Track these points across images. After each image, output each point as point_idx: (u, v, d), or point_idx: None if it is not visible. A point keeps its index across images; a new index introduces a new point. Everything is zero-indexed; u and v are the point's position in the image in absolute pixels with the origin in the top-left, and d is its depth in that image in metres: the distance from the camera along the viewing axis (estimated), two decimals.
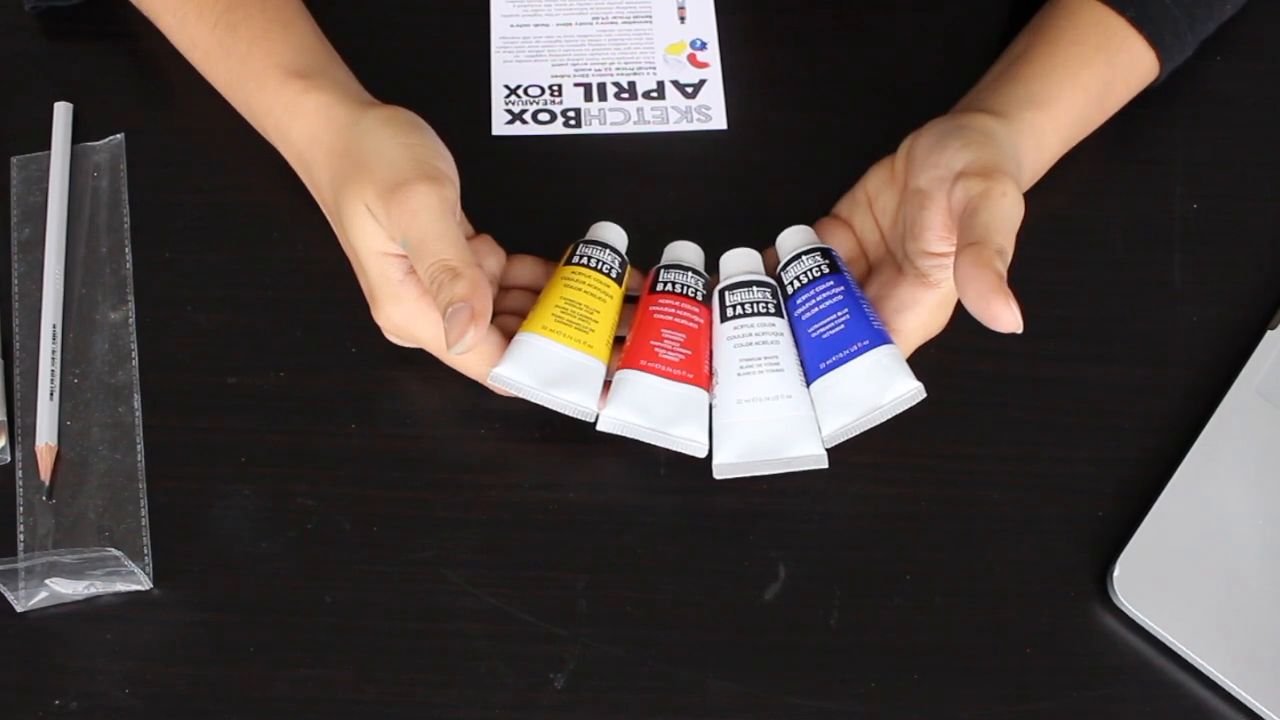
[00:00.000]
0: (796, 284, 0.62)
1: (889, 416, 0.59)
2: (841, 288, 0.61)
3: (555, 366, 0.59)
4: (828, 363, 0.60)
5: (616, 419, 0.59)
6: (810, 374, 0.60)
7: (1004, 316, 0.53)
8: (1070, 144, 0.68)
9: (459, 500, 0.62)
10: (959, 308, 0.62)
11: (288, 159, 0.65)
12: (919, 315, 0.61)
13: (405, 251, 0.58)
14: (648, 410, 0.59)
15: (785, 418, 0.59)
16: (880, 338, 0.59)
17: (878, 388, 0.59)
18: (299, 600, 0.60)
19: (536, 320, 0.60)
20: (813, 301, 0.61)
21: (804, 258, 0.62)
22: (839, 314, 0.60)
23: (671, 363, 0.60)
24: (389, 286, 0.59)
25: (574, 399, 0.59)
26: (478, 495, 0.63)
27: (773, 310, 0.61)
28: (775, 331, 0.61)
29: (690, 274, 0.62)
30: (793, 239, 0.64)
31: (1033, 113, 0.64)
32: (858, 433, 0.60)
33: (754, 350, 0.60)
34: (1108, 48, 0.67)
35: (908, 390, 0.59)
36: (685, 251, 0.64)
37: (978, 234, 0.55)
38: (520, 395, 0.60)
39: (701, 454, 0.60)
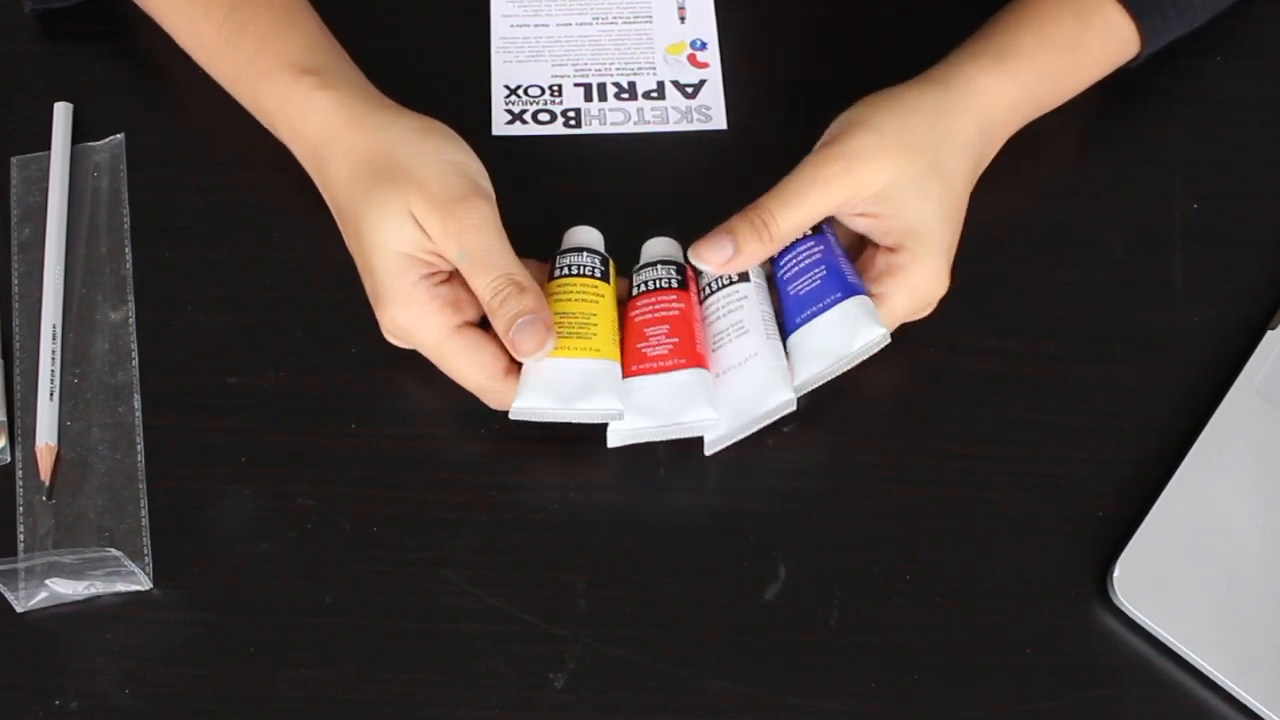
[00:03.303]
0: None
1: (858, 362, 0.61)
2: (821, 246, 0.62)
3: (571, 380, 0.59)
4: (803, 316, 0.61)
5: (625, 429, 0.60)
6: (788, 329, 0.62)
7: (693, 253, 0.61)
8: (1041, 96, 0.68)
9: (459, 500, 0.62)
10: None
11: (297, 155, 0.65)
12: (895, 280, 0.62)
13: (459, 263, 0.59)
14: (651, 411, 0.60)
15: (754, 375, 0.61)
16: (852, 289, 0.61)
17: (845, 336, 0.60)
18: (299, 600, 0.60)
19: None
20: (794, 261, 0.62)
21: None
22: (816, 271, 0.61)
23: (661, 356, 0.60)
24: (402, 289, 0.59)
25: (598, 405, 0.59)
26: (478, 495, 0.63)
27: (737, 278, 0.62)
28: (739, 296, 0.62)
29: (660, 266, 0.63)
30: None
31: (983, 61, 0.65)
32: (831, 378, 0.61)
33: (722, 323, 0.62)
34: (1080, 9, 0.67)
35: (873, 337, 0.60)
36: (658, 247, 0.65)
37: (764, 196, 0.61)
38: (545, 420, 0.60)
39: (718, 429, 0.61)
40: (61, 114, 0.71)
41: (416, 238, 0.59)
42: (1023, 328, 0.67)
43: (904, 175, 0.61)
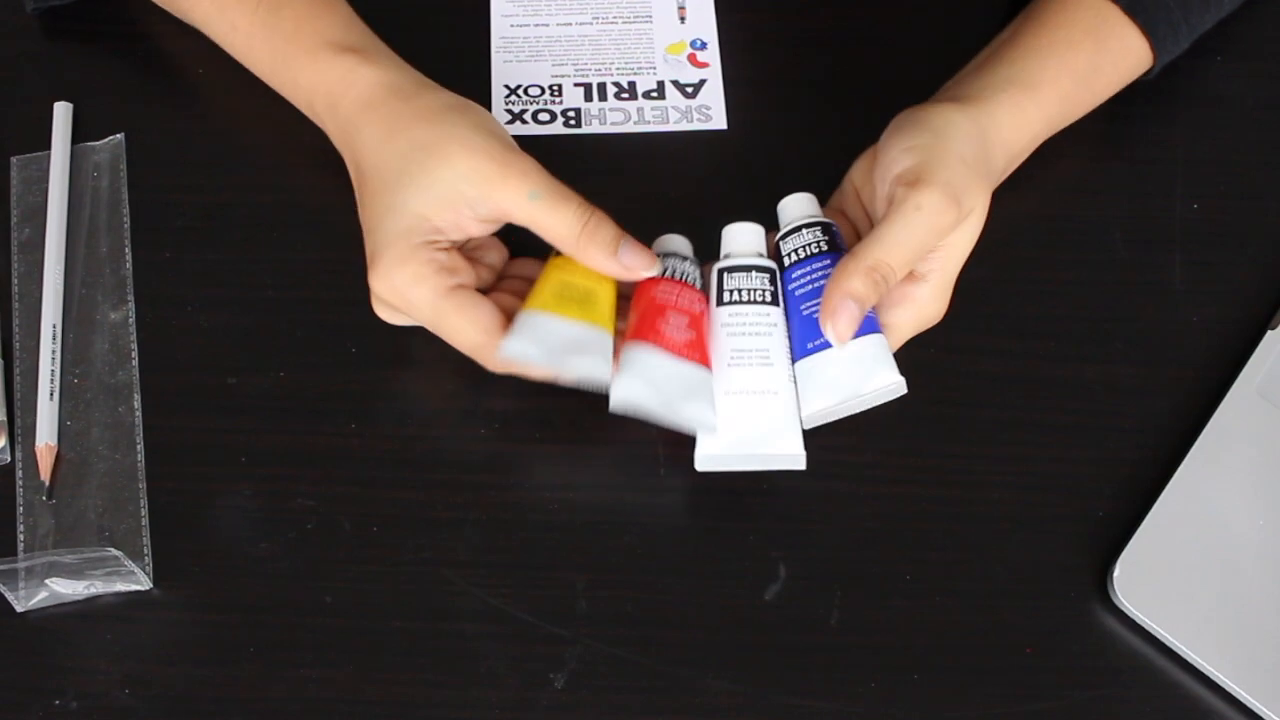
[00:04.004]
0: (794, 257, 0.62)
1: (869, 406, 0.60)
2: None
3: (563, 338, 0.59)
4: (815, 343, 0.60)
5: (629, 396, 0.58)
6: (797, 351, 0.61)
7: (825, 329, 0.58)
8: (1057, 125, 0.68)
9: (459, 500, 0.62)
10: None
11: (329, 127, 0.65)
12: (908, 310, 0.61)
13: (531, 202, 0.59)
14: (659, 387, 0.59)
15: (770, 414, 0.60)
16: (869, 325, 0.60)
17: (861, 376, 0.59)
18: (299, 600, 0.60)
19: (537, 299, 0.60)
20: (807, 278, 0.61)
21: (804, 231, 0.62)
22: None
23: (679, 342, 0.60)
24: (404, 247, 0.59)
25: (587, 366, 0.59)
26: (478, 495, 0.63)
27: (769, 299, 0.61)
28: (769, 322, 0.61)
29: (687, 261, 0.62)
30: (795, 208, 0.64)
31: (1013, 92, 0.64)
32: (837, 417, 0.60)
33: (746, 341, 0.61)
34: (1097, 33, 0.67)
35: (890, 382, 0.59)
36: (675, 242, 0.64)
37: (862, 244, 0.58)
38: (529, 371, 0.59)
39: (712, 433, 0.60)
40: (61, 114, 0.71)
41: (452, 196, 0.59)
42: (1023, 328, 0.67)
43: (975, 210, 0.60)
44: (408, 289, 0.60)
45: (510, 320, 0.60)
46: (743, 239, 0.63)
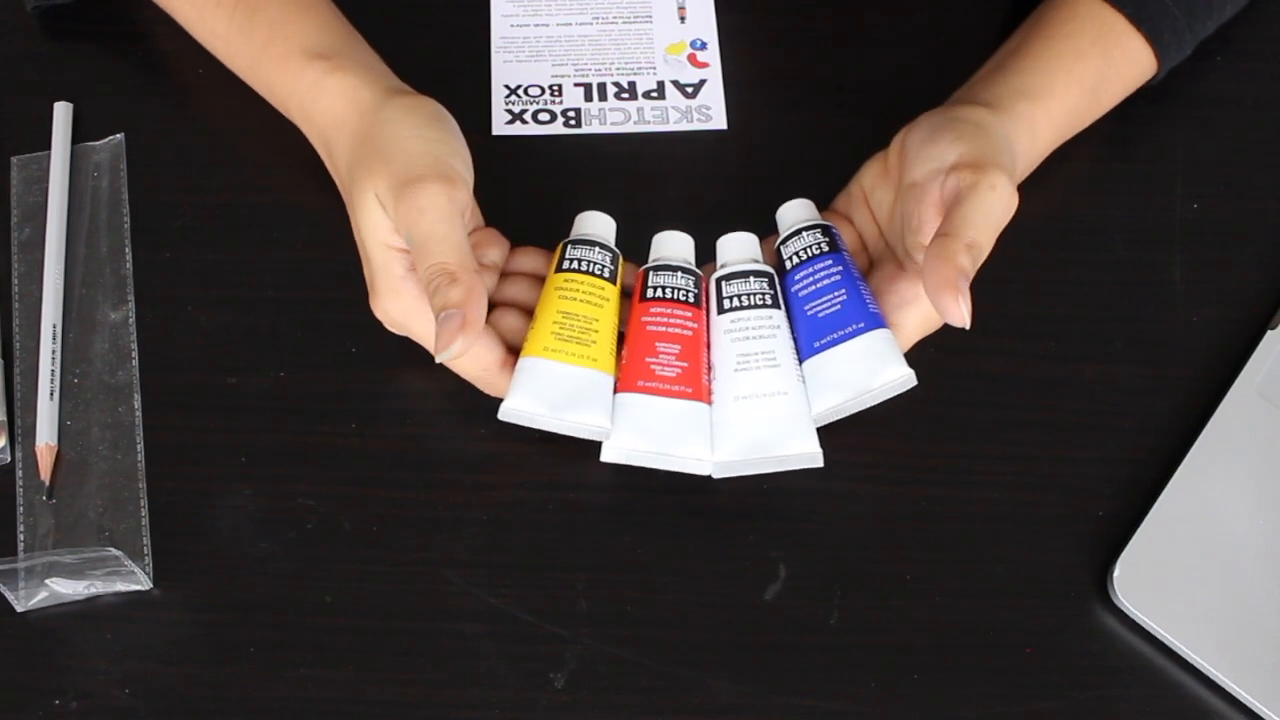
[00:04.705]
0: (795, 260, 0.62)
1: (879, 401, 0.60)
2: (839, 267, 0.61)
3: (564, 387, 0.59)
4: (822, 342, 0.60)
5: (621, 447, 0.60)
6: (804, 351, 0.61)
7: (951, 311, 0.55)
8: (1064, 136, 0.68)
9: (459, 500, 0.62)
10: None
11: (311, 140, 0.65)
12: (920, 310, 0.61)
13: (409, 247, 0.58)
14: (650, 433, 0.59)
15: (782, 415, 0.60)
16: (876, 321, 0.60)
17: (869, 371, 0.59)
18: (299, 600, 0.60)
19: (536, 341, 0.60)
20: (810, 279, 0.61)
21: (804, 234, 0.62)
22: (836, 294, 0.60)
23: (669, 379, 0.60)
24: (390, 281, 0.59)
25: (587, 419, 0.59)
26: (478, 495, 0.63)
27: (769, 302, 0.61)
28: (772, 325, 0.61)
29: (680, 274, 0.62)
30: (794, 213, 0.64)
31: (1025, 104, 0.64)
32: (847, 414, 0.60)
33: (750, 345, 0.60)
34: (1104, 42, 0.67)
35: (899, 376, 0.59)
36: (674, 244, 0.64)
37: (952, 225, 0.57)
38: (532, 425, 0.59)
39: (705, 472, 0.60)
40: (61, 114, 0.71)
41: (386, 224, 0.59)
42: (1023, 328, 0.67)
43: None
44: (405, 322, 0.60)
45: (511, 338, 0.61)
46: (737, 248, 0.63)
